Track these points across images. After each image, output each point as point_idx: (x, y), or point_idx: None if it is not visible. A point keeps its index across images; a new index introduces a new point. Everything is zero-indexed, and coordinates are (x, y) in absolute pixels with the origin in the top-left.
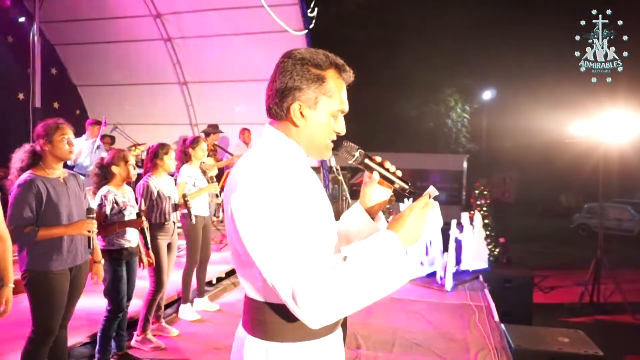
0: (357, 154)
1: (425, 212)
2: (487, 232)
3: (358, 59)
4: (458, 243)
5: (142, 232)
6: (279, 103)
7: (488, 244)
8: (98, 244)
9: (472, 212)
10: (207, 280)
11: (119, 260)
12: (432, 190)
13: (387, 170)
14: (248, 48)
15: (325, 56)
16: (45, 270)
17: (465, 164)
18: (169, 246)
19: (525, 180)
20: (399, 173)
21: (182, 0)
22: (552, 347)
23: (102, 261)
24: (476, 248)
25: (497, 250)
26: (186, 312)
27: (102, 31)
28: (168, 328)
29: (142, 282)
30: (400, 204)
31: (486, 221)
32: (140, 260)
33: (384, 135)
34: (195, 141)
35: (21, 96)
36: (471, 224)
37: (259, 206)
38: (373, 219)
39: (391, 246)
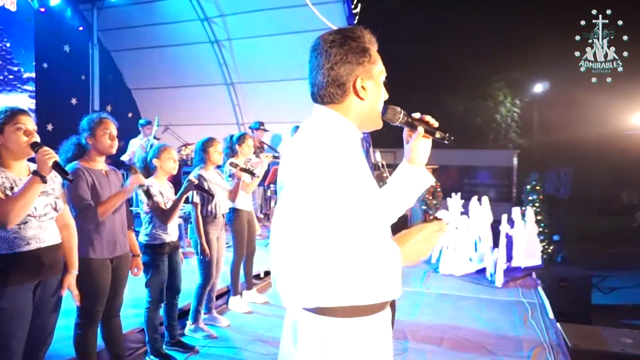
0: (402, 113)
1: (435, 236)
2: (540, 229)
3: (403, 55)
4: (509, 239)
5: (197, 187)
6: (340, 86)
7: (541, 242)
8: (135, 238)
9: (523, 207)
10: (255, 273)
11: (161, 255)
12: (444, 216)
13: (428, 122)
14: (293, 47)
15: (357, 29)
16: (86, 257)
17: (515, 160)
18: (217, 240)
19: (581, 175)
20: (437, 124)
21: (228, 3)
22: (614, 348)
23: (141, 255)
24: (528, 244)
25: (551, 248)
26: (236, 303)
27: (153, 36)
28: (219, 318)
29: (192, 274)
30: (448, 199)
31: (539, 217)
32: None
33: None
34: (242, 137)
35: (74, 101)
36: (523, 219)
37: (310, 183)
38: None
39: (390, 258)
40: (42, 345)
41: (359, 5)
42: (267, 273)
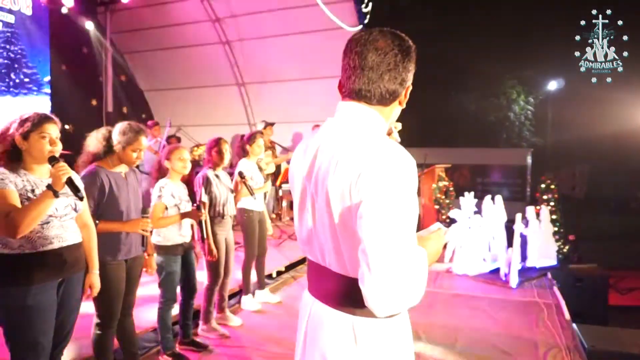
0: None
1: (442, 240)
2: (556, 229)
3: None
4: (523, 238)
5: (199, 224)
6: (396, 89)
7: (557, 241)
8: (150, 239)
9: (538, 207)
10: (267, 273)
11: (174, 255)
12: (440, 225)
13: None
14: (303, 47)
15: (405, 35)
16: (102, 260)
17: (529, 159)
18: (225, 240)
19: (597, 174)
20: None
21: (239, 4)
22: (632, 350)
23: (155, 254)
24: (543, 244)
25: (567, 247)
26: (248, 302)
27: (165, 38)
28: (232, 318)
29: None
30: (461, 198)
31: (554, 217)
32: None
33: (442, 130)
34: (252, 137)
35: (94, 102)
36: (537, 218)
37: (397, 184)
38: None
39: (424, 259)
40: (61, 341)
41: (370, 4)
42: (279, 273)
